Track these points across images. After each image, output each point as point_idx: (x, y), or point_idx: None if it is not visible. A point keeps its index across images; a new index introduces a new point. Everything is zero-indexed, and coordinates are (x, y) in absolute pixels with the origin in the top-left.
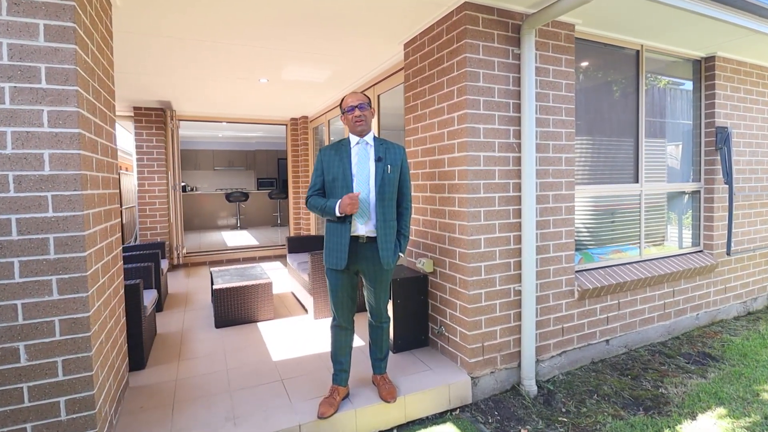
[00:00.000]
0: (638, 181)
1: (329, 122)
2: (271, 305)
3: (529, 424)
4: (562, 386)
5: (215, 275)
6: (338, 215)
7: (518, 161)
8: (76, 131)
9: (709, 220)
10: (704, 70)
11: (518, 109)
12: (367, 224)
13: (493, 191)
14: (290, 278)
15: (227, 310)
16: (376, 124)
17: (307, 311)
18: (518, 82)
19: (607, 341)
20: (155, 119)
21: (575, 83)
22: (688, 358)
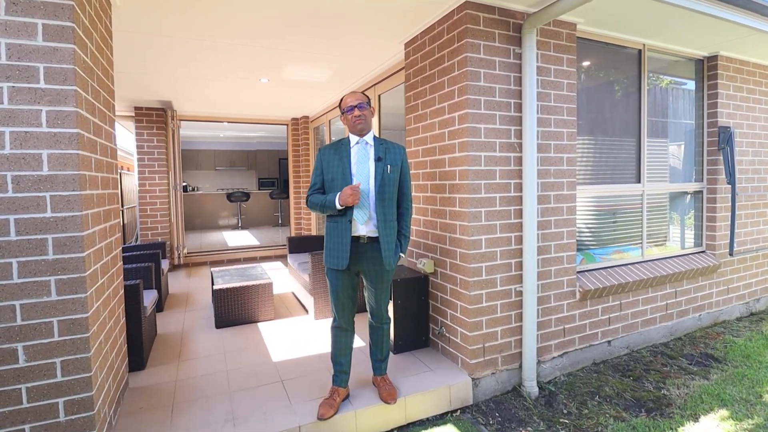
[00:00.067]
0: (640, 181)
1: (330, 122)
2: (271, 305)
3: (530, 425)
4: (563, 387)
5: (216, 275)
6: (339, 207)
7: (519, 161)
8: (74, 131)
9: (711, 220)
10: (707, 69)
11: (519, 108)
12: (367, 224)
13: (494, 191)
14: (291, 278)
15: (227, 310)
16: (376, 124)
17: (307, 311)
18: (519, 81)
19: (608, 342)
20: (156, 119)
21: (577, 83)
22: (690, 359)
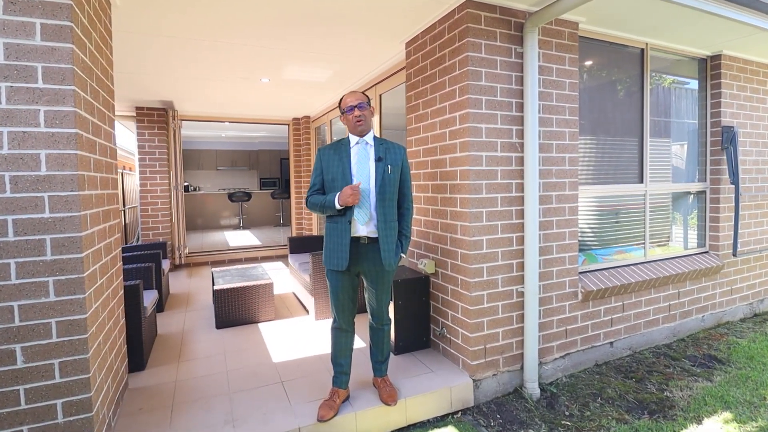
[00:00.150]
0: (643, 181)
1: (331, 122)
2: (272, 306)
3: (531, 427)
4: (565, 389)
5: (216, 275)
6: (339, 207)
7: (521, 161)
8: (72, 131)
9: (714, 220)
10: (710, 68)
11: (521, 108)
12: (368, 225)
13: (495, 191)
14: (292, 279)
15: (228, 310)
16: (377, 124)
17: (308, 312)
18: (521, 81)
19: (611, 343)
20: (157, 119)
21: (579, 82)
22: (693, 360)
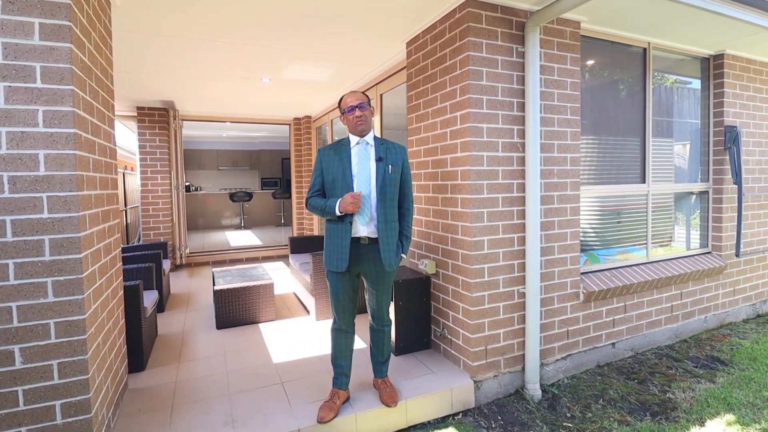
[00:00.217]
0: (645, 181)
1: (332, 122)
2: (272, 306)
3: (533, 429)
4: (567, 390)
5: (217, 276)
6: (339, 214)
7: (522, 161)
8: (71, 131)
9: (717, 221)
10: (713, 68)
11: (522, 108)
12: (368, 225)
13: (496, 192)
14: (292, 279)
15: (228, 311)
16: (378, 124)
17: (308, 312)
18: (522, 80)
19: (613, 344)
20: (158, 119)
21: (581, 82)
22: (696, 361)
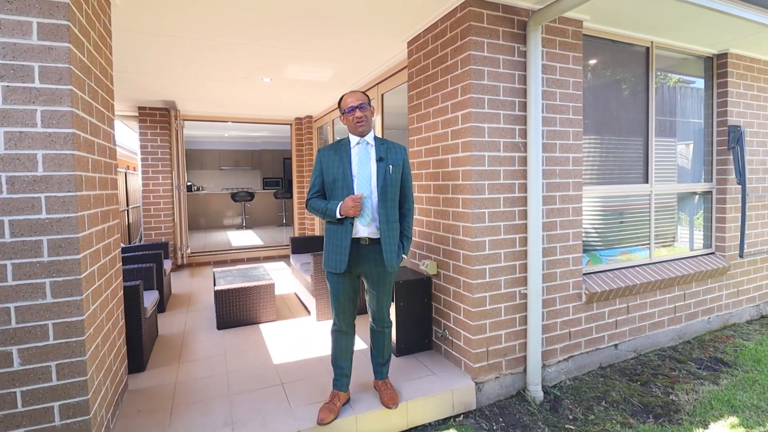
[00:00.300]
0: (648, 181)
1: (333, 122)
2: (273, 307)
3: (534, 431)
4: (569, 392)
5: (218, 276)
6: (339, 217)
7: (524, 161)
8: (70, 131)
9: (721, 221)
10: (716, 67)
11: (524, 107)
12: (369, 226)
13: (498, 192)
14: (294, 279)
15: (229, 311)
16: (379, 124)
17: (309, 313)
18: (524, 80)
19: (615, 346)
20: (160, 119)
21: (583, 81)
22: (699, 363)
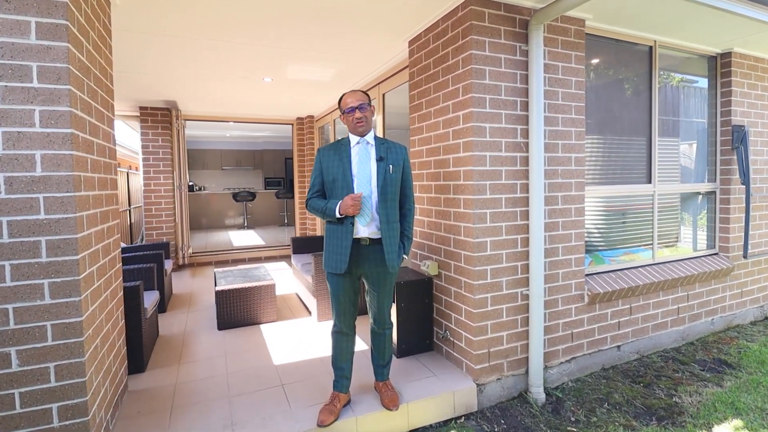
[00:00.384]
0: (651, 181)
1: (335, 122)
2: (274, 307)
3: None
4: (571, 394)
5: (218, 276)
6: (339, 216)
7: (526, 161)
8: (68, 131)
9: (725, 221)
10: (720, 66)
11: (526, 107)
12: (369, 226)
13: (499, 192)
14: (295, 279)
15: (230, 312)
16: (380, 123)
17: (310, 313)
18: (526, 79)
19: (618, 347)
20: (161, 119)
21: (585, 81)
22: (702, 365)
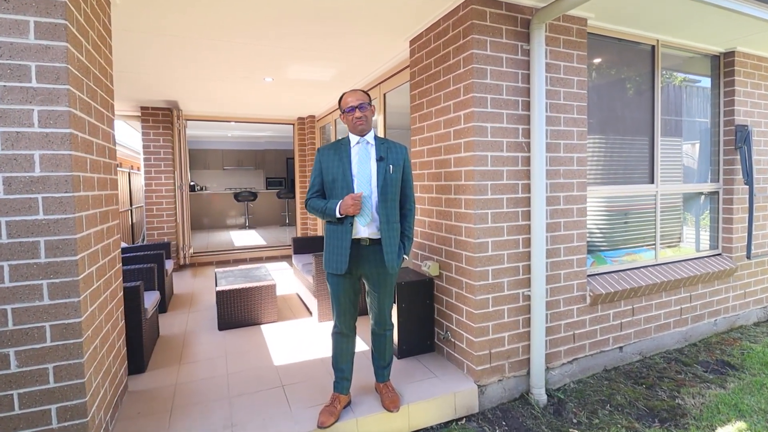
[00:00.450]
0: (653, 181)
1: (336, 122)
2: (274, 307)
3: None
4: (573, 395)
5: (219, 276)
6: (339, 216)
7: (527, 161)
8: (67, 131)
9: (728, 222)
10: (723, 66)
11: (527, 107)
12: (369, 226)
13: (501, 192)
14: (295, 279)
15: (230, 312)
16: (382, 123)
17: (311, 314)
18: (527, 79)
19: (620, 348)
20: (162, 119)
21: (588, 80)
22: (705, 366)
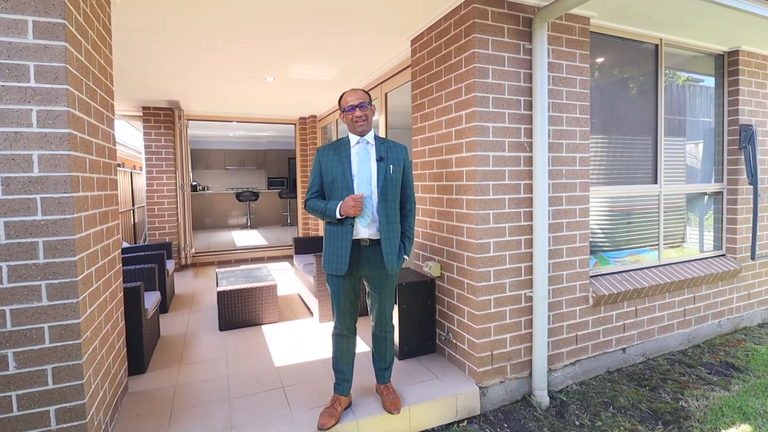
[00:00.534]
0: (657, 181)
1: (337, 121)
2: (275, 308)
3: None
4: (575, 397)
5: (220, 277)
6: (339, 217)
7: (530, 161)
8: (66, 131)
9: (732, 222)
10: (727, 65)
11: (530, 106)
12: (369, 227)
13: (503, 193)
14: (297, 280)
15: (231, 312)
16: (383, 123)
17: (312, 314)
18: (530, 78)
19: (623, 350)
20: (164, 119)
21: (590, 79)
22: (709, 368)
